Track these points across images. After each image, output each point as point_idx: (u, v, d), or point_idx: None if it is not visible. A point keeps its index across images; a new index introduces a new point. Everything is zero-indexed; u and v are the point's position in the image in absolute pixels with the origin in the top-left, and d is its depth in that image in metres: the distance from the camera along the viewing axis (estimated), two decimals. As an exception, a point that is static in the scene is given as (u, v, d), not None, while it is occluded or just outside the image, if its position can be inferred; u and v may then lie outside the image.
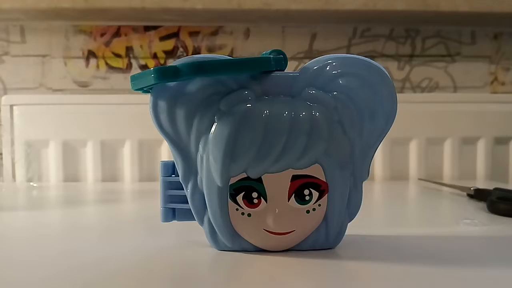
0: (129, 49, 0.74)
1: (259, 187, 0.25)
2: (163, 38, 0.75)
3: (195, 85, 0.25)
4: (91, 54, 0.74)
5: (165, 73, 0.24)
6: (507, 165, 0.73)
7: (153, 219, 0.34)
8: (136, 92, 0.26)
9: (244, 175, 0.25)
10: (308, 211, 0.26)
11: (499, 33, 0.78)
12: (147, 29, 0.74)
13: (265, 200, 0.26)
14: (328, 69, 0.25)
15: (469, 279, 0.24)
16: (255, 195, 0.26)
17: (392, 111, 0.26)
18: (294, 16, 0.70)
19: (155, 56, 0.75)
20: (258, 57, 0.26)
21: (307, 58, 0.75)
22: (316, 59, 0.26)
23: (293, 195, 0.26)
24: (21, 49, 0.73)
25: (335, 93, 0.25)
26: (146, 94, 0.26)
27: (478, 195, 0.47)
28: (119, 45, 0.74)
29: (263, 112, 0.25)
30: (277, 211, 0.26)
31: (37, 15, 0.69)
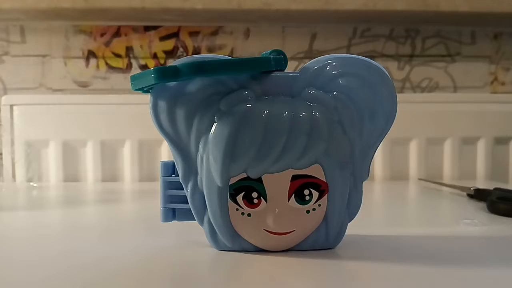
0: (129, 49, 0.74)
1: (259, 187, 0.25)
2: (163, 38, 0.75)
3: (195, 85, 0.25)
4: (91, 54, 0.74)
5: (165, 73, 0.24)
6: (507, 165, 0.73)
7: (153, 219, 0.34)
8: (136, 92, 0.26)
9: (244, 175, 0.25)
10: (308, 211, 0.26)
11: (499, 33, 0.78)
12: (147, 29, 0.74)
13: (265, 200, 0.26)
14: (328, 69, 0.25)
15: (469, 279, 0.24)
16: (255, 195, 0.26)
17: (392, 111, 0.26)
18: (294, 16, 0.70)
19: (155, 56, 0.75)
20: (258, 57, 0.26)
21: (307, 58, 0.75)
22: (316, 59, 0.26)
23: (293, 195, 0.26)
24: (21, 49, 0.73)
25: (335, 93, 0.25)
26: (146, 94, 0.26)
27: (478, 195, 0.47)
28: (119, 45, 0.74)
29: (263, 112, 0.25)
30: (277, 211, 0.26)
31: (37, 15, 0.69)
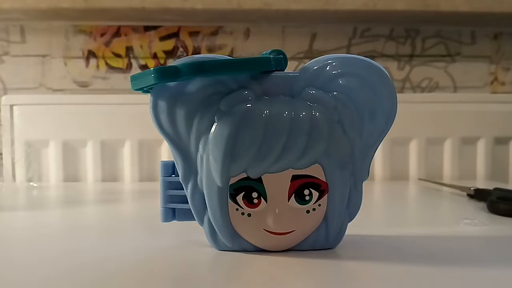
0: (129, 49, 0.74)
1: (259, 187, 0.25)
2: (163, 38, 0.75)
3: (195, 85, 0.25)
4: (91, 54, 0.74)
5: (165, 73, 0.24)
6: (507, 165, 0.73)
7: (153, 219, 0.34)
8: (136, 92, 0.26)
9: (244, 175, 0.25)
10: (308, 211, 0.26)
11: (499, 33, 0.78)
12: (147, 29, 0.74)
13: (265, 200, 0.26)
14: (328, 69, 0.25)
15: (469, 279, 0.24)
16: (255, 195, 0.26)
17: (392, 111, 0.26)
18: (294, 16, 0.70)
19: (155, 56, 0.75)
20: (258, 57, 0.26)
21: (307, 58, 0.75)
22: (316, 59, 0.26)
23: (293, 195, 0.26)
24: (21, 49, 0.73)
25: (335, 93, 0.25)
26: (146, 94, 0.26)
27: (478, 195, 0.47)
28: (119, 45, 0.74)
29: (263, 112, 0.25)
30: (277, 211, 0.26)
31: (37, 15, 0.69)
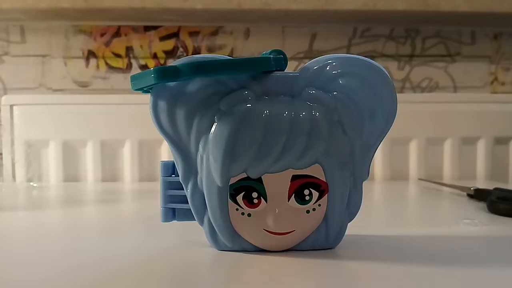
0: (129, 49, 0.74)
1: (259, 187, 0.25)
2: (163, 38, 0.75)
3: (195, 85, 0.25)
4: (91, 54, 0.74)
5: (165, 73, 0.24)
6: (507, 165, 0.73)
7: (153, 219, 0.34)
8: (136, 92, 0.26)
9: (244, 175, 0.25)
10: (308, 211, 0.26)
11: (499, 33, 0.78)
12: (147, 29, 0.74)
13: (265, 200, 0.26)
14: (328, 69, 0.25)
15: (469, 279, 0.24)
16: (255, 195, 0.26)
17: (392, 111, 0.26)
18: (294, 16, 0.70)
19: (155, 56, 0.75)
20: (258, 57, 0.26)
21: (307, 58, 0.75)
22: (316, 59, 0.26)
23: (293, 195, 0.26)
24: (21, 49, 0.73)
25: (335, 93, 0.25)
26: (146, 94, 0.26)
27: (478, 195, 0.47)
28: (119, 45, 0.74)
29: (263, 112, 0.25)
30: (277, 211, 0.26)
31: (37, 15, 0.69)
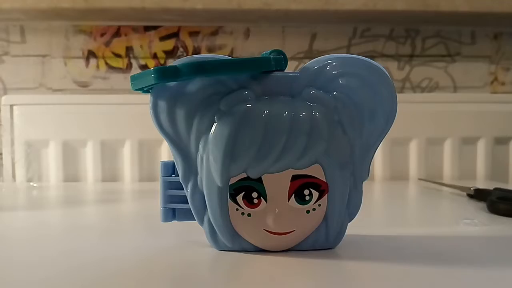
0: (129, 49, 0.74)
1: (259, 187, 0.25)
2: (163, 38, 0.75)
3: (195, 85, 0.25)
4: (91, 54, 0.74)
5: (165, 73, 0.24)
6: (507, 165, 0.73)
7: (153, 219, 0.34)
8: (136, 92, 0.26)
9: (244, 175, 0.25)
10: (308, 211, 0.26)
11: (499, 33, 0.78)
12: (147, 29, 0.74)
13: (265, 200, 0.26)
14: (328, 69, 0.25)
15: (469, 279, 0.24)
16: (255, 195, 0.26)
17: (392, 111, 0.26)
18: (294, 16, 0.70)
19: (155, 56, 0.75)
20: (258, 57, 0.26)
21: (307, 58, 0.75)
22: (316, 59, 0.26)
23: (293, 195, 0.26)
24: (21, 49, 0.73)
25: (335, 93, 0.25)
26: (146, 94, 0.26)
27: (478, 195, 0.47)
28: (119, 45, 0.74)
29: (263, 112, 0.25)
30: (277, 211, 0.26)
31: (37, 15, 0.69)
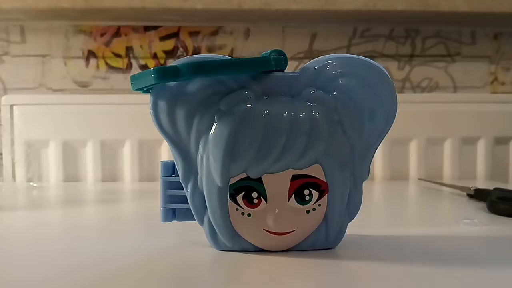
0: (129, 49, 0.74)
1: (259, 187, 0.25)
2: (163, 38, 0.75)
3: (195, 85, 0.25)
4: (91, 54, 0.74)
5: (165, 73, 0.24)
6: (507, 165, 0.73)
7: (153, 219, 0.34)
8: (136, 92, 0.26)
9: (244, 175, 0.25)
10: (308, 211, 0.26)
11: (499, 33, 0.78)
12: (147, 29, 0.74)
13: (265, 200, 0.26)
14: (328, 69, 0.25)
15: (469, 279, 0.24)
16: (255, 195, 0.26)
17: (392, 111, 0.26)
18: (294, 16, 0.70)
19: (155, 56, 0.75)
20: (258, 57, 0.26)
21: (307, 58, 0.75)
22: (316, 59, 0.26)
23: (293, 195, 0.26)
24: (21, 49, 0.73)
25: (335, 93, 0.25)
26: (146, 94, 0.26)
27: (478, 195, 0.47)
28: (119, 45, 0.74)
29: (263, 112, 0.25)
30: (277, 211, 0.26)
31: (37, 15, 0.69)
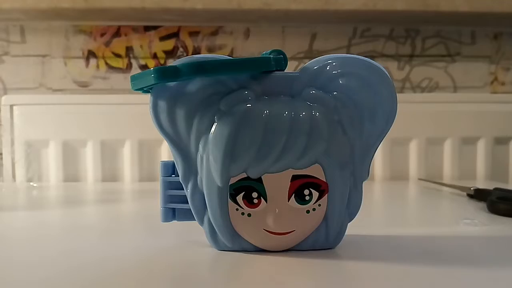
0: (129, 49, 0.74)
1: (259, 187, 0.25)
2: (163, 38, 0.75)
3: (195, 85, 0.25)
4: (91, 54, 0.74)
5: (165, 73, 0.24)
6: (507, 165, 0.73)
7: (153, 219, 0.34)
8: (136, 92, 0.26)
9: (244, 175, 0.25)
10: (308, 211, 0.26)
11: (499, 33, 0.78)
12: (147, 29, 0.74)
13: (265, 200, 0.26)
14: (328, 69, 0.25)
15: (469, 279, 0.24)
16: (255, 195, 0.26)
17: (392, 111, 0.26)
18: (294, 16, 0.70)
19: (155, 56, 0.75)
20: (258, 57, 0.26)
21: (307, 58, 0.75)
22: (316, 59, 0.26)
23: (293, 195, 0.26)
24: (21, 49, 0.73)
25: (335, 93, 0.25)
26: (146, 94, 0.26)
27: (478, 195, 0.47)
28: (119, 45, 0.74)
29: (263, 112, 0.25)
30: (277, 211, 0.26)
31: (37, 15, 0.69)
